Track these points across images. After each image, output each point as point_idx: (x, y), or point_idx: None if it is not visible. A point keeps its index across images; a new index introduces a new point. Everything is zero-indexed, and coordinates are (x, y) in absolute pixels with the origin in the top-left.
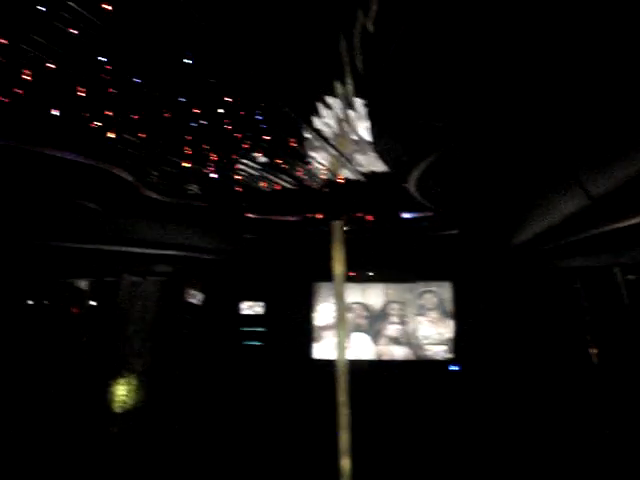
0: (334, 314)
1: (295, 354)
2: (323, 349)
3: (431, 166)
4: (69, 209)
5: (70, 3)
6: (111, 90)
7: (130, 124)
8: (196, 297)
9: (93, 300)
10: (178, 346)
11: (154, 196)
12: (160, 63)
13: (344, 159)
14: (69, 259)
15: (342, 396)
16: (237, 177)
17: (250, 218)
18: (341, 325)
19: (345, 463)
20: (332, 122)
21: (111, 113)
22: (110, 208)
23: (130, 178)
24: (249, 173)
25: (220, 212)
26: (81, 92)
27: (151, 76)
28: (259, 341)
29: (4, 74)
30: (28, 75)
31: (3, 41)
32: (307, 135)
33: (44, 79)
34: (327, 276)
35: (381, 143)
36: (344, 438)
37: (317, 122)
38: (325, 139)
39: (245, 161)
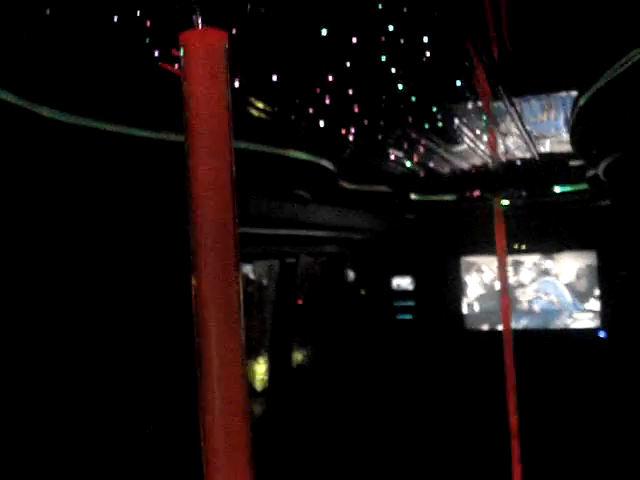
0: (484, 286)
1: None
2: (475, 319)
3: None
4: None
5: None
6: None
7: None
8: (350, 275)
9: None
10: (341, 319)
11: (344, 185)
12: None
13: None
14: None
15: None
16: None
17: (412, 199)
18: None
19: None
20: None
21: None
22: (314, 196)
23: (332, 168)
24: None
25: (389, 195)
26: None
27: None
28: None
29: None
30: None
31: None
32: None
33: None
34: (475, 250)
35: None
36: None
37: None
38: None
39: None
